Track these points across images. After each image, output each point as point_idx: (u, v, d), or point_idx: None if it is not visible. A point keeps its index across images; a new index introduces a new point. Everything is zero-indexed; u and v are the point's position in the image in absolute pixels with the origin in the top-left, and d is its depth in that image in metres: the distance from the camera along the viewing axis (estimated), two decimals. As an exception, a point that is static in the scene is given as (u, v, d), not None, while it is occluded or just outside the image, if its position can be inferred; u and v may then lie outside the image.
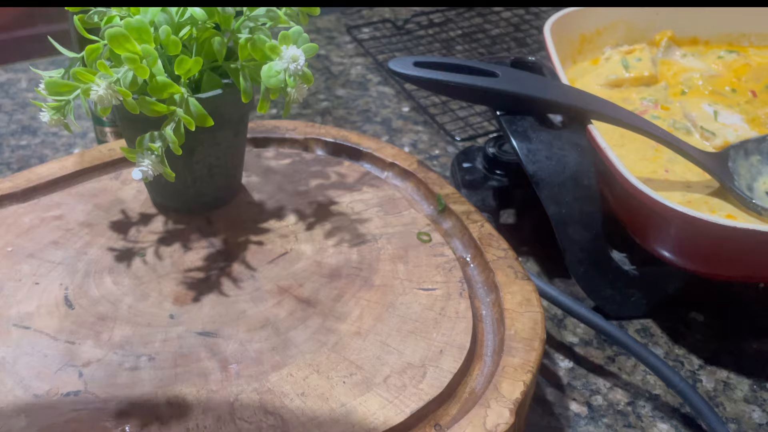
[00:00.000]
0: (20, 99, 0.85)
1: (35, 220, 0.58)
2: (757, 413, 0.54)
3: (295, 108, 0.85)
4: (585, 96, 0.61)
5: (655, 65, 0.73)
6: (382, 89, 0.89)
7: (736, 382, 0.56)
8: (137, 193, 0.61)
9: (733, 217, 0.57)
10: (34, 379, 0.46)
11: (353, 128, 0.82)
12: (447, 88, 0.61)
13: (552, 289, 0.56)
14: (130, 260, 0.55)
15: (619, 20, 0.75)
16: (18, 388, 0.45)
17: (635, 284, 0.60)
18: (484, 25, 1.03)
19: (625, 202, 0.57)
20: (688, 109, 0.67)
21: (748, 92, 0.70)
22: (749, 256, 0.54)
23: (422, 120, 0.84)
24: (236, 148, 0.57)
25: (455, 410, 0.45)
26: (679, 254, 0.56)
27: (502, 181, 0.65)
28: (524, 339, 0.49)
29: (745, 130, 0.65)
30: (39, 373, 0.46)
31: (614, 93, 0.71)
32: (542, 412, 0.53)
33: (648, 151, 0.63)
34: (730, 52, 0.76)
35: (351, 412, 0.45)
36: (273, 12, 0.52)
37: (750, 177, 0.60)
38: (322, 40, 0.99)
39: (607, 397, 0.54)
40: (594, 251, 0.58)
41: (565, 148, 0.59)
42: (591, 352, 0.58)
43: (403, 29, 1.00)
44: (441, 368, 0.47)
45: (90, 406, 0.45)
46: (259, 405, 0.45)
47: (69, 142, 0.78)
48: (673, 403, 0.54)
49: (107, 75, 0.47)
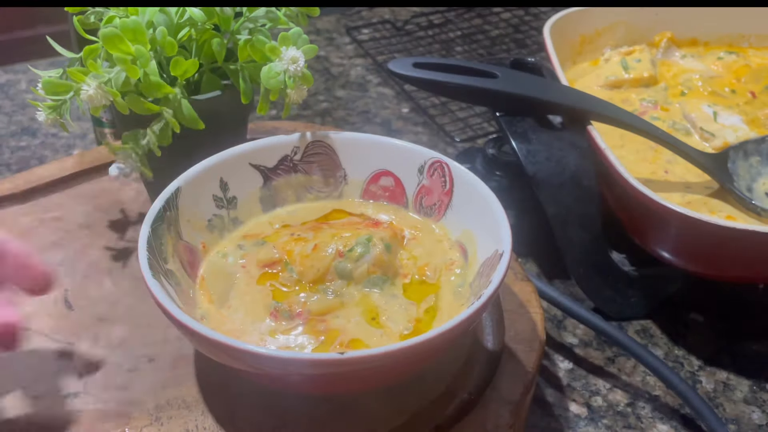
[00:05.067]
0: (20, 100, 0.85)
1: (35, 221, 0.58)
2: (757, 414, 0.54)
3: (295, 109, 0.85)
4: (584, 97, 0.61)
5: (654, 66, 0.73)
6: (381, 90, 0.89)
7: (735, 383, 0.56)
8: (137, 194, 0.61)
9: (732, 218, 0.57)
10: (33, 380, 0.46)
11: (353, 129, 0.82)
12: (446, 89, 0.61)
13: (552, 290, 0.56)
14: (129, 261, 0.55)
15: (619, 21, 0.75)
16: (17, 389, 0.45)
17: (635, 285, 0.60)
18: (484, 26, 1.03)
19: (625, 203, 0.57)
20: (687, 110, 0.67)
21: (748, 93, 0.70)
22: (749, 257, 0.54)
23: (422, 121, 0.84)
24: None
25: (455, 411, 0.45)
26: (679, 255, 0.56)
27: (502, 182, 0.65)
28: (524, 340, 0.49)
29: (745, 131, 0.65)
30: (38, 374, 0.46)
31: (614, 94, 0.71)
32: (542, 413, 0.53)
33: (647, 152, 0.63)
34: (729, 53, 0.76)
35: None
36: (272, 13, 0.52)
37: (749, 178, 0.60)
38: (321, 41, 0.99)
39: (606, 398, 0.54)
40: (594, 252, 0.58)
41: (564, 149, 0.59)
42: (591, 353, 0.58)
43: (402, 30, 1.00)
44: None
45: (89, 407, 0.45)
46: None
47: (68, 144, 0.78)
48: (672, 404, 0.54)
49: (98, 75, 0.47)
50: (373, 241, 0.47)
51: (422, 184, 0.52)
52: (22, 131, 0.80)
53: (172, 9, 0.51)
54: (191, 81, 0.54)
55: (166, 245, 0.45)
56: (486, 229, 0.47)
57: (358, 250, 0.46)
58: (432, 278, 0.48)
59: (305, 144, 0.53)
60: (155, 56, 0.50)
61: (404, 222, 0.52)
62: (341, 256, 0.46)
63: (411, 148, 0.52)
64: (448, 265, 0.48)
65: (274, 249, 0.48)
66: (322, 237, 0.48)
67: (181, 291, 0.44)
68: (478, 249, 0.48)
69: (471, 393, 0.46)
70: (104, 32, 0.48)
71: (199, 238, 0.49)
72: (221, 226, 0.51)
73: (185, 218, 0.48)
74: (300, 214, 0.53)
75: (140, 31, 0.49)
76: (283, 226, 0.52)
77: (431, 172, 0.52)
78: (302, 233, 0.50)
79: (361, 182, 0.54)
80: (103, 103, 0.47)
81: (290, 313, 0.45)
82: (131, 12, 0.50)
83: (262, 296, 0.46)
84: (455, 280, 0.48)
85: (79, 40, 0.55)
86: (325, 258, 0.47)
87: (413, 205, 0.53)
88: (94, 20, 0.51)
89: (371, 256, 0.46)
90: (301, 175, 0.54)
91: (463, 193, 0.50)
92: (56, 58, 0.93)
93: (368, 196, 0.54)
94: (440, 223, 0.51)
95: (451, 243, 0.50)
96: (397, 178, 0.53)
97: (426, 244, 0.50)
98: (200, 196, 0.50)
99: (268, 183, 0.53)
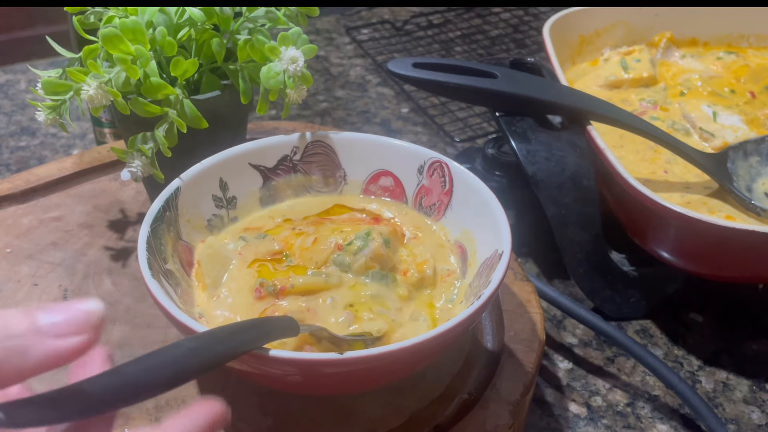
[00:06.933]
0: (19, 100, 0.85)
1: (34, 221, 0.58)
2: (757, 414, 0.54)
3: (295, 109, 0.85)
4: (584, 97, 0.61)
5: (654, 66, 0.73)
6: (381, 90, 0.89)
7: (735, 383, 0.56)
8: (136, 194, 0.61)
9: (732, 218, 0.57)
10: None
11: (353, 129, 0.82)
12: (446, 89, 0.61)
13: (551, 290, 0.56)
14: (129, 261, 0.55)
15: (619, 21, 0.75)
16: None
17: (634, 285, 0.60)
18: (483, 26, 1.03)
19: (625, 203, 0.57)
20: (687, 110, 0.67)
21: (747, 93, 0.70)
22: (748, 257, 0.54)
23: (421, 121, 0.84)
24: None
25: (454, 411, 0.45)
26: (679, 255, 0.56)
27: (502, 182, 0.65)
28: (523, 340, 0.49)
29: (744, 131, 0.65)
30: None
31: (613, 94, 0.71)
32: (541, 413, 0.53)
33: (647, 152, 0.63)
34: (729, 53, 0.76)
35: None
36: (272, 13, 0.52)
37: (749, 178, 0.60)
38: (321, 41, 0.99)
39: (606, 398, 0.54)
40: (593, 252, 0.58)
41: (564, 149, 0.59)
42: (590, 353, 0.58)
43: (402, 30, 1.00)
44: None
45: (89, 407, 0.45)
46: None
47: (68, 144, 0.78)
48: (672, 404, 0.54)
49: (99, 75, 0.47)
50: (372, 235, 0.47)
51: (422, 184, 0.52)
52: (22, 131, 0.80)
53: (171, 9, 0.51)
54: (191, 81, 0.54)
55: (165, 245, 0.45)
56: (486, 229, 0.47)
57: (357, 243, 0.46)
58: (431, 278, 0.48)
59: (305, 144, 0.53)
60: (155, 56, 0.50)
61: (406, 219, 0.52)
62: (340, 250, 0.47)
63: (410, 148, 0.52)
64: (444, 276, 0.48)
65: (275, 242, 0.48)
66: (322, 231, 0.48)
67: (180, 291, 0.44)
68: (477, 249, 0.48)
69: (470, 393, 0.46)
70: (104, 32, 0.48)
71: (199, 238, 0.49)
72: (221, 226, 0.51)
73: (185, 218, 0.48)
74: (301, 208, 0.53)
75: (140, 31, 0.49)
76: (284, 220, 0.52)
77: (431, 172, 0.52)
78: (303, 227, 0.50)
79: (360, 182, 0.54)
80: (104, 103, 0.47)
81: (274, 289, 0.45)
82: (131, 12, 0.50)
83: (249, 278, 0.47)
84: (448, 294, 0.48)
85: (79, 40, 0.55)
86: (324, 251, 0.47)
87: (413, 205, 0.53)
88: (93, 20, 0.51)
89: (369, 250, 0.46)
90: (301, 175, 0.54)
91: (463, 193, 0.50)
92: (56, 58, 0.93)
93: (368, 196, 0.54)
94: (440, 223, 0.51)
95: (451, 247, 0.50)
96: (397, 178, 0.53)
97: (426, 244, 0.50)
98: (200, 196, 0.50)
99: (268, 183, 0.53)
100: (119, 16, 0.50)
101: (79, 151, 0.78)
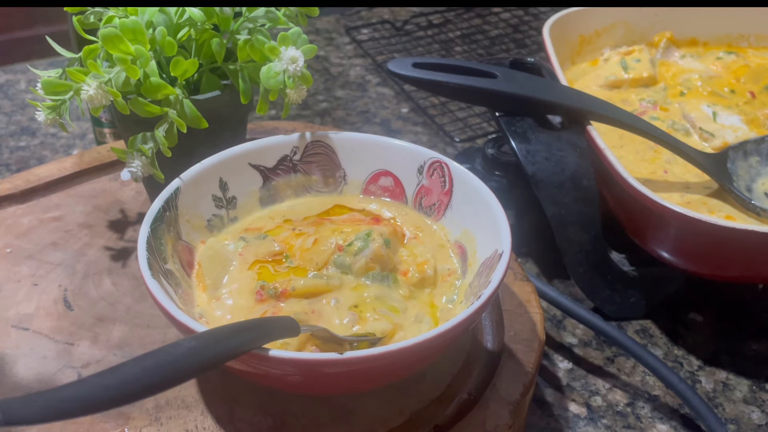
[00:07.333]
0: (19, 100, 0.85)
1: (34, 221, 0.58)
2: (756, 414, 0.54)
3: (294, 109, 0.85)
4: (584, 97, 0.61)
5: (654, 66, 0.73)
6: (381, 90, 0.89)
7: (735, 383, 0.56)
8: (136, 194, 0.61)
9: (732, 218, 0.57)
10: (33, 381, 0.46)
11: (352, 129, 0.82)
12: (446, 89, 0.61)
13: (551, 290, 0.56)
14: (129, 261, 0.55)
15: (618, 21, 0.75)
16: (17, 390, 0.45)
17: (634, 285, 0.60)
18: (483, 26, 1.03)
19: (624, 203, 0.57)
20: (687, 110, 0.67)
21: (747, 93, 0.70)
22: (748, 257, 0.54)
23: (421, 121, 0.84)
24: (235, 149, 0.57)
25: (454, 411, 0.45)
26: (678, 255, 0.56)
27: (502, 182, 0.65)
28: (523, 340, 0.49)
29: (744, 131, 0.65)
30: (38, 374, 0.46)
31: (613, 94, 0.71)
32: (541, 413, 0.53)
33: (647, 152, 0.63)
34: (728, 53, 0.76)
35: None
36: (272, 13, 0.52)
37: (749, 178, 0.60)
38: (321, 41, 0.99)
39: (606, 398, 0.54)
40: (593, 252, 0.58)
41: (564, 149, 0.59)
42: (590, 353, 0.58)
43: (402, 30, 1.00)
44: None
45: (89, 407, 0.45)
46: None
47: (68, 144, 0.78)
48: (672, 403, 0.54)
49: (99, 75, 0.47)
50: (373, 236, 0.47)
51: (422, 184, 0.52)
52: (22, 131, 0.80)
53: (171, 9, 0.51)
54: (191, 81, 0.54)
55: (165, 245, 0.45)
56: (486, 229, 0.47)
57: (357, 244, 0.46)
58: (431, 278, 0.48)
59: (305, 144, 0.53)
60: (155, 56, 0.50)
61: (406, 219, 0.52)
62: (340, 250, 0.47)
63: (410, 148, 0.52)
64: (444, 276, 0.48)
65: (275, 243, 0.48)
66: (322, 232, 0.48)
67: (180, 291, 0.45)
68: (477, 249, 0.48)
69: (470, 393, 0.46)
70: (104, 32, 0.48)
71: (199, 238, 0.49)
72: (221, 226, 0.51)
73: (185, 218, 0.48)
74: (301, 209, 0.53)
75: (140, 31, 0.49)
76: (285, 221, 0.52)
77: (431, 172, 0.52)
78: (303, 228, 0.50)
79: (360, 182, 0.54)
80: (104, 103, 0.47)
81: (275, 292, 0.45)
82: (131, 12, 0.50)
83: (250, 280, 0.47)
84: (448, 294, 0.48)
85: (79, 40, 0.55)
86: (324, 252, 0.47)
87: (413, 205, 0.53)
88: (93, 20, 0.51)
89: (370, 251, 0.46)
90: (301, 175, 0.54)
91: (463, 193, 0.50)
92: (56, 58, 0.93)
93: (368, 196, 0.54)
94: (440, 223, 0.51)
95: (451, 247, 0.50)
96: (397, 178, 0.53)
97: (427, 244, 0.50)
98: (200, 196, 0.50)
99: (268, 183, 0.53)
100: (119, 16, 0.50)
101: (79, 151, 0.78)
